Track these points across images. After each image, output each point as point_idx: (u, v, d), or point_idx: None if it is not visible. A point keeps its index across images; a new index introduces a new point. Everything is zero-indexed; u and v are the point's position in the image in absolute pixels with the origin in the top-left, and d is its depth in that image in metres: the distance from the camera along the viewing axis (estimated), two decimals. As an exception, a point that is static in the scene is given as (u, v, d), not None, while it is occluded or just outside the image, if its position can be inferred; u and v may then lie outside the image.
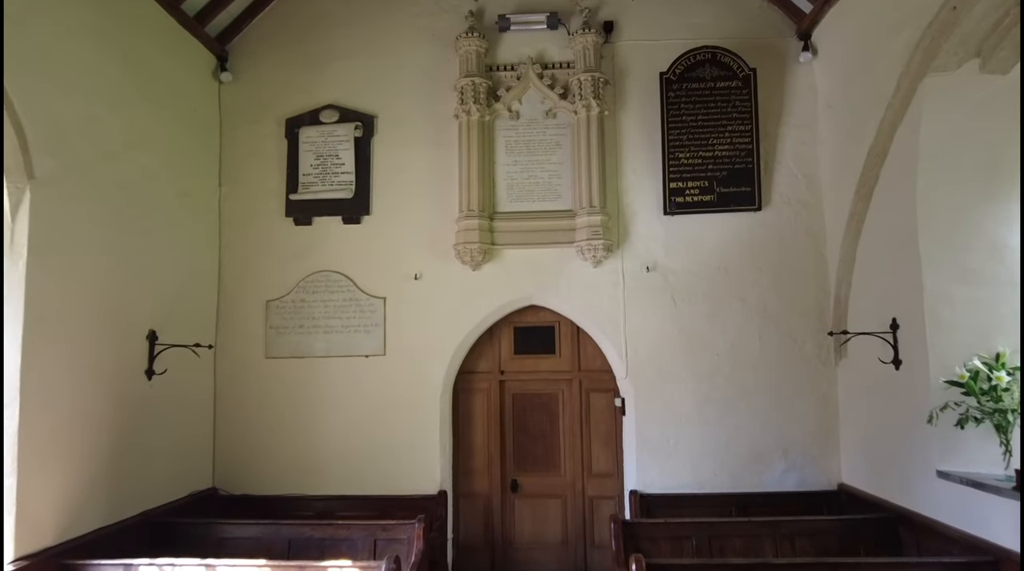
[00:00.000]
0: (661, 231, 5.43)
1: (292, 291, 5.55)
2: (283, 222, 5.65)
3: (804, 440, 5.22)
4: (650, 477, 5.22)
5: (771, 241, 5.40)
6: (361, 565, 3.69)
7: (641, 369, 5.33)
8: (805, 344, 5.29)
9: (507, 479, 5.65)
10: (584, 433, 5.65)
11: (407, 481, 5.32)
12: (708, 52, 5.45)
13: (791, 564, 3.62)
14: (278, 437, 5.45)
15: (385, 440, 5.38)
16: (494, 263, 5.45)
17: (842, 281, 5.15)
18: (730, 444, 5.22)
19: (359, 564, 3.72)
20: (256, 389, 5.51)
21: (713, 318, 5.34)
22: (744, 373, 5.27)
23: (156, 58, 4.93)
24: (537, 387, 5.72)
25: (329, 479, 5.38)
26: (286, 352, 5.51)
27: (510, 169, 5.50)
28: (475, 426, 5.70)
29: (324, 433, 5.43)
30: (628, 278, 5.40)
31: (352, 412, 5.43)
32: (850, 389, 5.13)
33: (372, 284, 5.51)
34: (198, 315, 5.32)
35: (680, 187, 5.40)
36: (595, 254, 5.24)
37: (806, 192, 5.45)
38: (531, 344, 5.74)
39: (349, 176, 5.60)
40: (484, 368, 5.74)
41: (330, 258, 5.57)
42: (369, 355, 5.44)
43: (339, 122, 5.66)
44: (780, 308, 5.33)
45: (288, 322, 5.53)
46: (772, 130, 5.52)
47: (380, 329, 5.45)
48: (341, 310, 5.48)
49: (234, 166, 5.76)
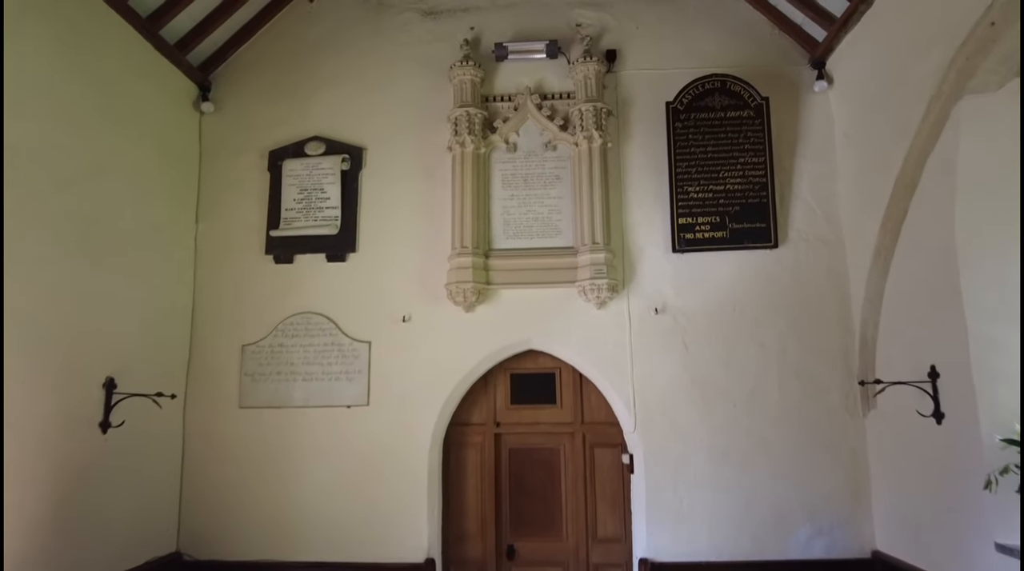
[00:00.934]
0: (670, 270, 5.02)
1: (270, 335, 5.11)
2: (263, 260, 5.26)
3: (832, 501, 4.69)
4: (662, 543, 4.68)
5: (789, 280, 4.98)
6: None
7: (651, 421, 4.84)
8: (830, 393, 4.82)
9: (503, 545, 5.09)
10: (588, 493, 5.11)
11: (392, 547, 4.78)
12: (717, 80, 5.14)
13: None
14: (250, 495, 4.93)
15: (368, 500, 4.86)
16: (489, 304, 5.02)
17: (868, 323, 4.71)
18: (750, 505, 4.69)
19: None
20: (228, 442, 5.01)
21: (728, 364, 4.88)
22: (764, 425, 4.78)
23: (128, 84, 4.63)
24: (536, 441, 5.22)
25: (306, 543, 4.84)
26: (262, 401, 5.03)
27: (507, 203, 5.12)
28: (468, 484, 5.17)
29: (301, 492, 4.91)
30: (635, 320, 4.96)
31: (332, 468, 4.92)
32: (882, 443, 4.63)
33: (356, 327, 5.07)
34: (166, 361, 4.87)
35: (690, 223, 5.01)
36: (598, 294, 4.81)
37: (825, 228, 5.06)
38: (529, 393, 5.26)
39: (334, 211, 5.23)
40: (478, 419, 5.25)
41: (312, 299, 5.15)
42: (351, 405, 4.97)
43: (325, 154, 5.32)
44: (801, 353, 4.87)
45: (265, 368, 5.07)
46: (787, 163, 5.16)
47: (364, 376, 4.98)
48: (322, 355, 5.03)
49: (213, 200, 5.40)
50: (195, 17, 5.10)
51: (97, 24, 4.35)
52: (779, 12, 5.27)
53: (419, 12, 5.59)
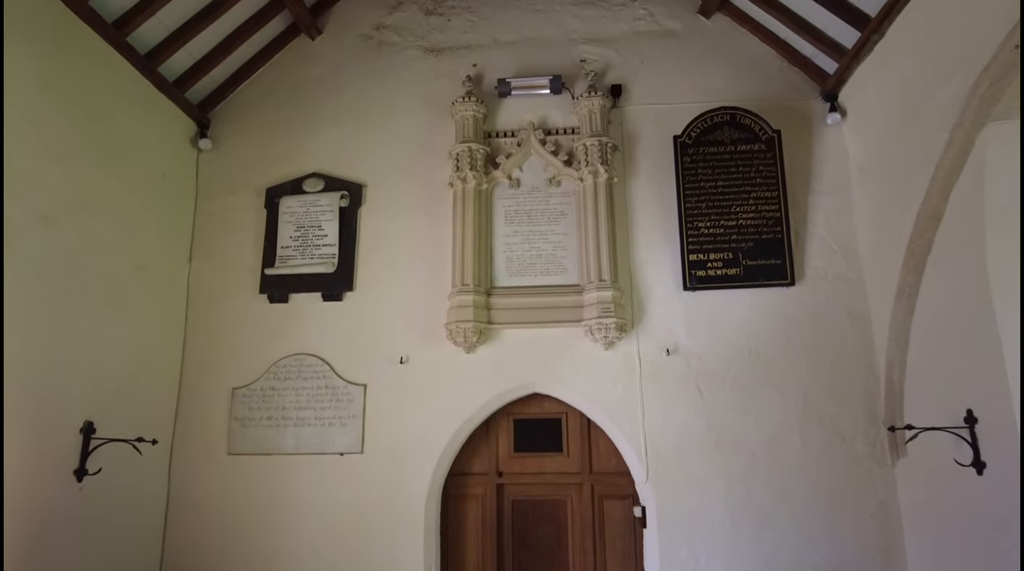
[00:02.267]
0: (681, 309, 4.78)
1: (261, 377, 4.88)
2: (257, 300, 5.07)
3: (861, 558, 4.30)
4: (678, 605, 4.30)
5: (807, 320, 4.72)
6: None
7: (664, 472, 4.52)
8: (855, 441, 4.49)
9: (506, 606, 4.72)
10: (598, 549, 4.75)
11: (385, 608, 4.43)
12: (726, 114, 4.99)
13: None
14: (236, 549, 4.61)
15: (360, 556, 4.52)
16: (491, 345, 4.78)
17: (894, 365, 4.42)
18: (771, 564, 4.32)
19: None
20: (215, 491, 4.73)
21: (746, 411, 4.57)
22: (785, 476, 4.45)
23: (123, 119, 4.55)
24: (541, 492, 4.88)
25: (295, 602, 4.50)
26: (251, 448, 4.76)
27: (509, 240, 4.94)
28: (468, 540, 4.82)
29: (290, 545, 4.59)
30: (645, 362, 4.69)
31: (323, 521, 4.61)
32: (915, 495, 4.28)
33: (351, 369, 4.83)
34: (151, 405, 4.64)
35: (701, 260, 4.79)
36: (606, 334, 4.56)
37: (844, 266, 4.82)
38: (534, 440, 4.96)
39: (332, 249, 5.05)
40: (479, 469, 4.94)
41: (306, 340, 4.93)
42: (344, 452, 4.68)
43: (324, 191, 5.19)
44: (823, 398, 4.57)
45: (255, 413, 4.81)
46: (801, 198, 4.96)
47: (358, 422, 4.71)
48: (315, 399, 4.78)
49: (207, 239, 5.25)
50: (194, 55, 5.06)
51: (93, 58, 4.28)
52: (788, 45, 5.15)
53: (421, 49, 5.53)
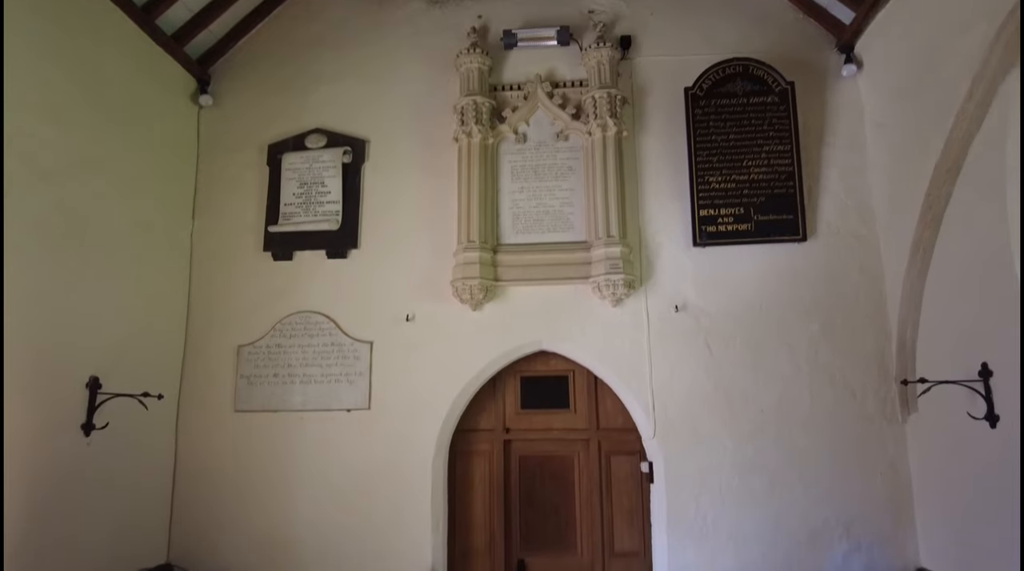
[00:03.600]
0: (690, 265, 4.70)
1: (267, 335, 4.85)
2: (261, 258, 5.02)
3: (870, 515, 4.31)
4: (684, 561, 4.32)
5: (819, 277, 4.64)
6: None
7: (671, 428, 4.50)
8: (865, 398, 4.45)
9: (513, 560, 4.74)
10: (604, 505, 4.76)
11: (393, 562, 4.46)
12: (739, 65, 4.85)
13: None
14: (245, 505, 4.65)
15: (368, 512, 4.55)
16: (497, 303, 4.73)
17: (907, 322, 4.36)
18: (780, 521, 4.32)
19: None
20: (222, 447, 4.74)
21: (755, 368, 4.53)
22: (794, 434, 4.42)
23: (122, 75, 4.46)
24: (548, 448, 4.88)
25: (303, 556, 4.54)
26: (258, 405, 4.76)
27: (516, 196, 4.85)
28: (475, 496, 4.84)
29: (298, 501, 4.62)
30: (653, 320, 4.64)
31: (330, 477, 4.62)
32: (925, 451, 4.25)
33: (357, 327, 4.80)
34: (157, 361, 4.63)
35: (711, 215, 4.70)
36: (614, 291, 4.50)
37: (857, 222, 4.72)
38: (541, 397, 4.94)
39: (335, 206, 4.98)
40: (486, 426, 4.93)
41: (311, 297, 4.90)
42: (351, 409, 4.68)
43: (326, 147, 5.10)
44: (833, 355, 4.52)
45: (261, 371, 4.80)
46: (814, 153, 4.84)
47: (365, 379, 4.70)
48: (321, 357, 4.76)
49: (210, 197, 5.19)
50: (192, 8, 4.92)
51: (89, 12, 4.17)
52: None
53: (425, 1, 5.37)
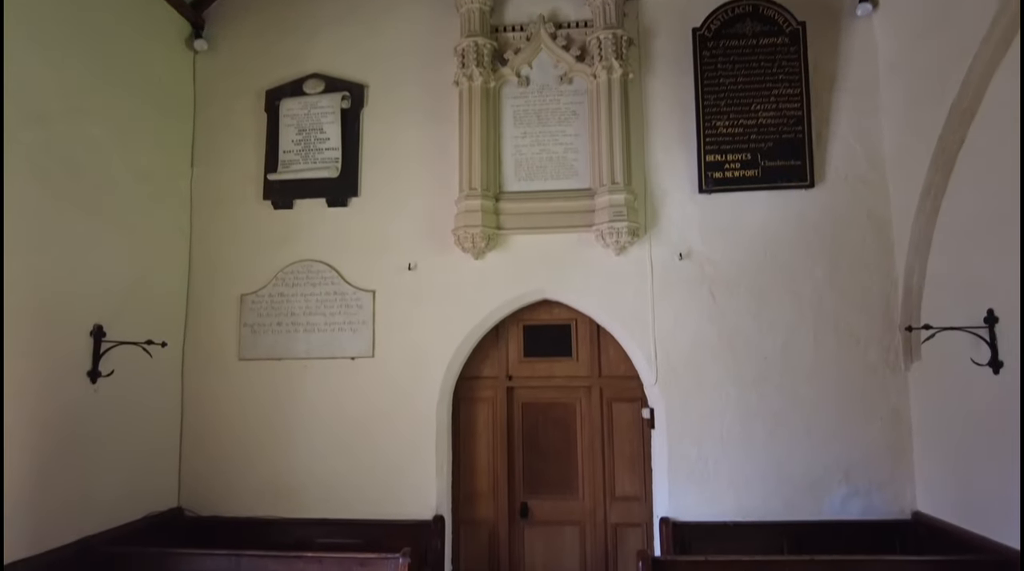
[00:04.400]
0: (696, 213, 4.64)
1: (269, 284, 4.85)
2: (261, 206, 4.97)
3: (870, 460, 4.35)
4: (685, 503, 4.39)
5: (826, 224, 4.57)
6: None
7: (674, 376, 4.52)
8: (869, 345, 4.44)
9: (516, 503, 4.84)
10: (606, 450, 4.83)
11: (398, 505, 4.55)
12: (749, 4, 4.68)
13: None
14: (252, 450, 4.73)
15: (373, 456, 4.63)
16: (500, 251, 4.70)
17: (914, 269, 4.30)
18: (782, 466, 4.37)
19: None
20: (228, 395, 4.80)
21: (759, 315, 4.51)
22: (797, 381, 4.43)
23: (112, 17, 4.31)
24: (551, 396, 4.93)
25: (309, 500, 4.64)
26: (262, 353, 4.79)
27: (519, 142, 4.75)
28: (478, 441, 4.92)
29: (304, 446, 4.70)
30: (657, 268, 4.60)
31: (335, 423, 4.69)
32: (927, 398, 4.26)
33: (359, 275, 4.79)
34: (160, 310, 4.63)
35: (718, 161, 4.61)
36: (618, 239, 4.45)
37: (866, 167, 4.62)
38: (543, 346, 4.95)
39: (335, 153, 4.90)
40: (489, 373, 4.97)
41: (312, 246, 4.87)
42: (355, 357, 4.71)
43: (324, 92, 4.99)
44: (838, 303, 4.49)
45: (264, 319, 4.82)
46: (825, 96, 4.71)
47: (368, 327, 4.71)
48: (324, 305, 4.76)
49: (208, 144, 5.11)
50: (183, -56, 4.75)
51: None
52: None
53: (424, -62, 5.17)
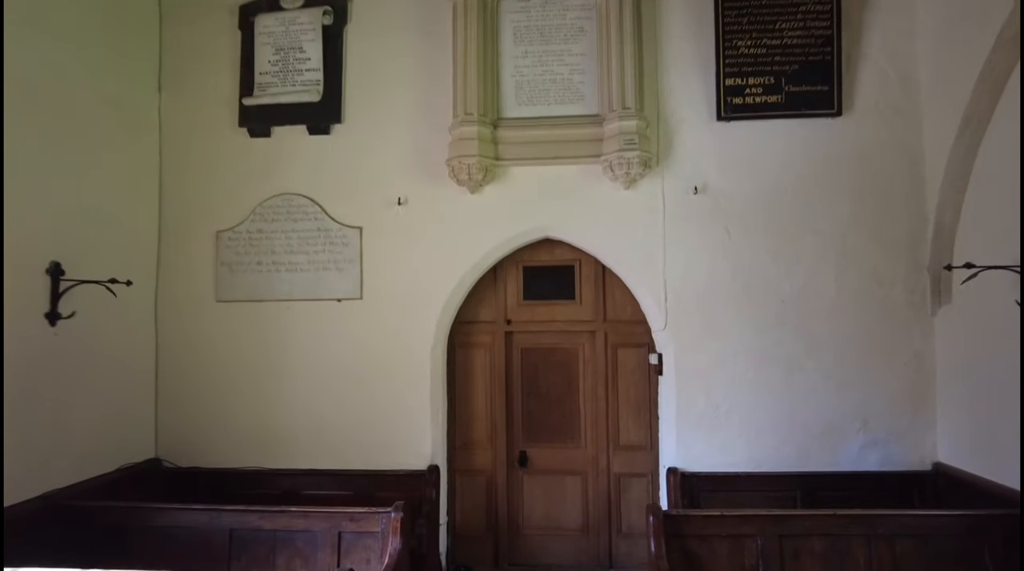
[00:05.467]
0: (713, 142, 4.25)
1: (247, 219, 4.46)
2: (236, 134, 4.54)
3: (890, 408, 4.12)
4: (693, 453, 4.17)
5: (853, 156, 4.21)
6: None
7: (684, 319, 4.22)
8: (894, 287, 4.15)
9: (514, 452, 4.61)
10: (610, 397, 4.58)
11: (391, 454, 4.31)
12: (778, -94, 4.18)
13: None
14: (234, 397, 4.45)
15: (364, 404, 4.36)
16: (498, 184, 4.31)
17: (947, 205, 3.97)
18: (796, 413, 4.14)
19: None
20: (206, 339, 4.48)
21: (778, 255, 4.19)
22: (816, 325, 4.15)
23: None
24: (552, 341, 4.64)
25: (296, 450, 4.39)
26: (241, 294, 4.45)
27: (519, 62, 4.31)
28: (475, 388, 4.65)
29: (289, 394, 4.42)
30: (669, 203, 4.24)
31: (323, 369, 4.39)
32: (954, 344, 4.00)
33: (345, 210, 4.41)
34: (129, 248, 4.26)
35: (739, 84, 4.20)
36: (628, 171, 4.07)
37: (900, 95, 4.23)
38: (545, 288, 4.63)
39: (316, 74, 4.45)
40: (486, 317, 4.65)
41: (293, 178, 4.47)
42: (342, 299, 4.37)
43: (304, 7, 4.50)
44: (863, 242, 4.17)
45: (243, 258, 4.45)
46: (855, 15, 4.27)
47: (355, 266, 4.36)
48: (307, 243, 4.39)
49: (177, 67, 4.63)
50: None
51: None
52: None
53: None
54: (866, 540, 3.22)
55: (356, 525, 3.34)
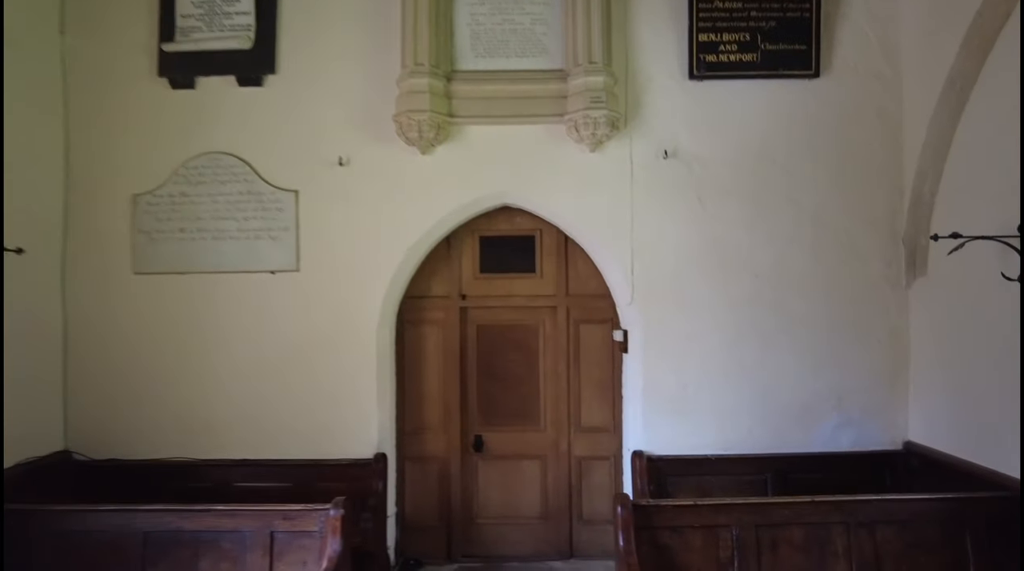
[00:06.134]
0: (685, 103, 3.95)
1: (168, 181, 3.96)
2: (155, 85, 4.01)
3: (864, 387, 3.95)
4: (661, 436, 3.92)
5: (831, 121, 3.98)
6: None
7: (652, 293, 3.94)
8: (871, 260, 3.95)
9: (469, 436, 4.29)
10: (572, 377, 4.29)
11: (334, 442, 3.93)
12: None
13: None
14: (157, 382, 3.98)
15: (303, 387, 3.95)
16: (452, 144, 3.92)
17: (927, 173, 3.77)
18: (769, 393, 3.92)
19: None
20: (123, 316, 3.99)
21: (753, 225, 3.94)
22: (791, 299, 3.93)
23: None
24: (511, 317, 4.31)
25: (228, 438, 3.97)
26: (162, 266, 3.96)
27: (476, 10, 3.90)
28: (427, 368, 4.29)
29: (220, 377, 3.98)
30: (638, 168, 3.93)
31: (257, 349, 3.96)
32: (928, 318, 3.83)
33: (279, 172, 3.95)
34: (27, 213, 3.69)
35: (712, 41, 3.89)
36: (595, 131, 3.73)
37: (879, 57, 4.00)
38: (503, 260, 4.29)
39: (246, 18, 3.95)
40: (439, 291, 4.29)
41: (221, 135, 3.98)
42: (277, 271, 3.94)
43: (232, -60, 3.96)
44: (841, 213, 3.95)
45: (164, 225, 3.96)
46: (834, -29, 4.00)
47: (291, 235, 3.92)
48: (236, 208, 3.93)
49: (84, 7, 4.06)
50: None
51: None
52: None
53: None
54: (846, 528, 3.02)
55: (291, 524, 2.96)
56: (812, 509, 3.04)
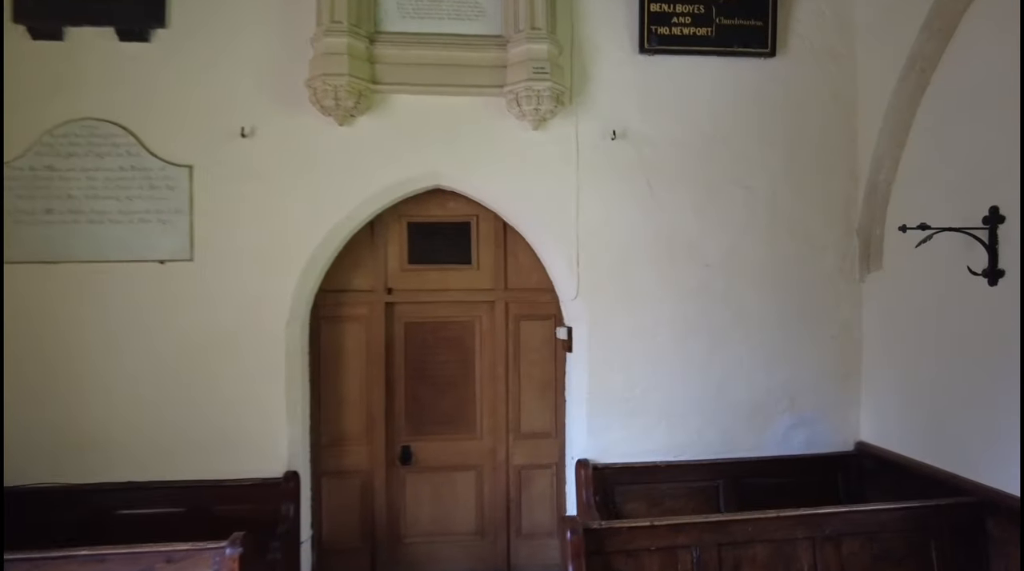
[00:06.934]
0: (635, 79, 3.61)
1: (30, 152, 3.30)
2: (12, 33, 3.32)
3: (817, 384, 3.76)
4: (607, 440, 3.60)
5: (786, 103, 3.74)
6: None
7: (599, 286, 3.59)
8: (826, 251, 3.75)
9: (395, 447, 3.83)
10: (511, 378, 3.91)
11: (237, 459, 3.40)
12: None
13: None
14: (21, 393, 3.31)
15: (199, 396, 3.39)
16: (376, 115, 3.44)
17: (883, 161, 3.59)
18: (722, 391, 3.66)
19: None
20: (-24, 315, 3.30)
21: (704, 212, 3.65)
22: (743, 291, 3.68)
23: None
24: (443, 313, 3.87)
25: (111, 457, 3.37)
26: (24, 254, 3.30)
27: (403, -37, 3.42)
28: (347, 372, 3.79)
29: (100, 386, 3.36)
30: (585, 149, 3.57)
31: (144, 353, 3.37)
32: (882, 313, 3.67)
33: (169, 144, 3.35)
34: None
35: (665, 12, 3.57)
36: (537, 106, 3.34)
37: (835, 36, 3.79)
38: (435, 249, 3.85)
39: (128, -42, 3.32)
40: (362, 284, 3.80)
41: (97, 99, 3.34)
42: (166, 260, 3.35)
43: None
44: (795, 200, 3.73)
45: (27, 204, 3.30)
46: (790, -56, 3.75)
47: (184, 218, 3.34)
48: (117, 186, 3.31)
49: (-82, -67, 3.31)
50: None
51: None
52: None
53: None
54: (811, 543, 2.80)
55: (176, 567, 2.45)
56: (776, 525, 2.79)
